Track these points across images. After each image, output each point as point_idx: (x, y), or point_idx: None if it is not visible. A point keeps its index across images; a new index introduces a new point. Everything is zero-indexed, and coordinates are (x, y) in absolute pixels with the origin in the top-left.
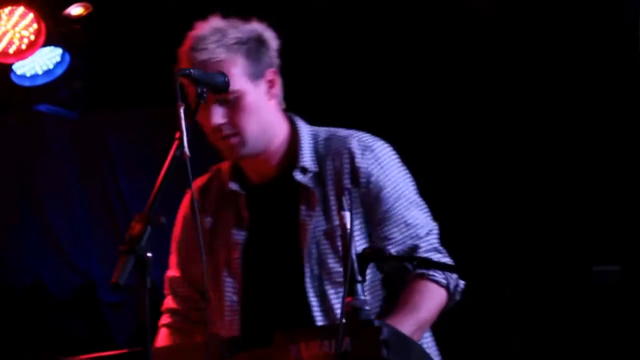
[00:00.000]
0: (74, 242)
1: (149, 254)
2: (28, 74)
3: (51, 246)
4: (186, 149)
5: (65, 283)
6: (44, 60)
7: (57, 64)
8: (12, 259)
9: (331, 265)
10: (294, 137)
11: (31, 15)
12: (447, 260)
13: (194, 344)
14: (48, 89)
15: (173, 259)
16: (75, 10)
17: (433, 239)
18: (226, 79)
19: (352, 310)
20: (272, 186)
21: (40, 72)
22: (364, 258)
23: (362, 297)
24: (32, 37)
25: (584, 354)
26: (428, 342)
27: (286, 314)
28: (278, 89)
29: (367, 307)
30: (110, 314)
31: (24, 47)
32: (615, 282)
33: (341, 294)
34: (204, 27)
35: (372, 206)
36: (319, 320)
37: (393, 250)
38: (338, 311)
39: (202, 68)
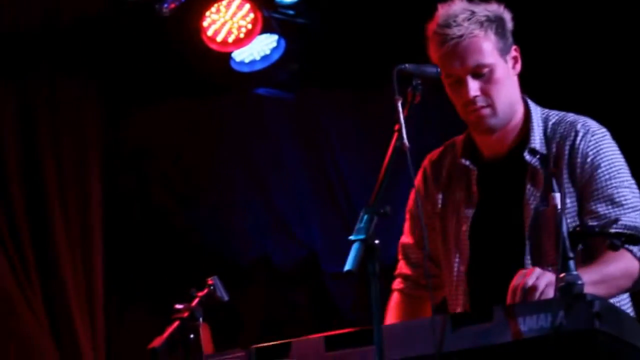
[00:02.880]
0: (296, 216)
1: (377, 242)
2: (247, 60)
3: (274, 221)
4: (405, 140)
5: (289, 256)
6: (261, 47)
7: (274, 50)
8: (238, 234)
9: (544, 244)
10: (526, 118)
11: (248, 6)
12: None
13: (419, 322)
14: (266, 73)
15: (407, 226)
16: None
17: (637, 217)
18: (438, 69)
19: (566, 285)
20: (502, 164)
21: (258, 58)
22: (575, 236)
23: (575, 273)
24: (250, 26)
25: None
26: (625, 303)
27: (505, 286)
28: (520, 65)
29: (579, 282)
30: (333, 283)
31: (242, 35)
32: None
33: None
34: (452, 6)
35: (585, 185)
36: None
37: (593, 223)
38: None
39: (455, 44)
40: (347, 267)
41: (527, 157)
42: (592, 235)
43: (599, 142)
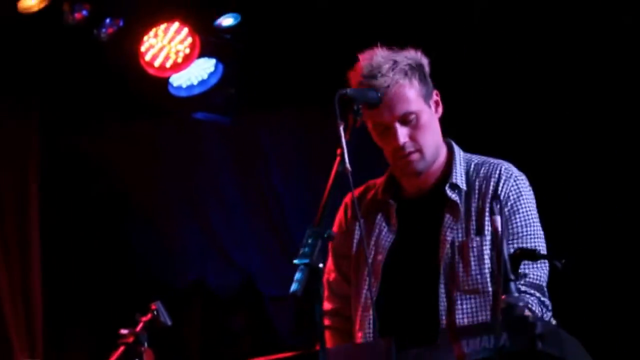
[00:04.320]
0: (233, 240)
1: (321, 265)
2: (184, 85)
3: (212, 245)
4: (347, 164)
5: (227, 280)
6: (199, 71)
7: (211, 74)
8: (175, 258)
9: (461, 274)
10: (449, 158)
11: (186, 30)
12: (545, 300)
13: (363, 344)
14: (203, 97)
15: (330, 263)
16: (226, 21)
17: (541, 275)
18: (379, 94)
19: (508, 307)
20: (422, 199)
21: (195, 83)
22: (516, 258)
23: (516, 295)
24: (187, 51)
25: None
26: None
27: (415, 312)
28: (441, 109)
29: (521, 304)
30: (271, 306)
31: (179, 60)
32: None
33: (465, 301)
34: (373, 56)
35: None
36: (443, 321)
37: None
38: (459, 315)
39: (384, 93)
40: (292, 289)
41: (448, 191)
42: (534, 257)
43: (520, 187)
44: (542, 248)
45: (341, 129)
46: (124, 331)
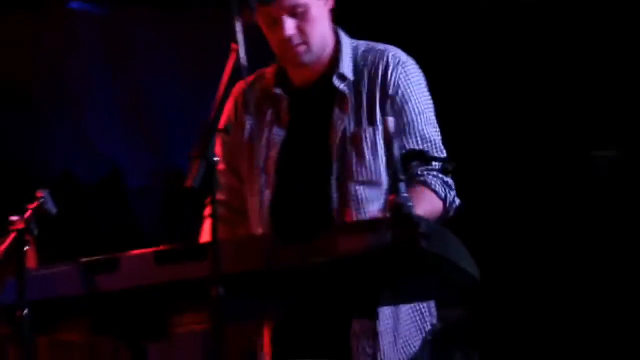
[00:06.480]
0: (102, 132)
1: (216, 159)
2: None
3: (80, 136)
4: (243, 60)
5: (93, 170)
6: None
7: None
8: (43, 148)
9: (354, 165)
10: (337, 47)
11: None
12: (449, 180)
13: (249, 237)
14: None
15: (217, 151)
16: None
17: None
18: None
19: (396, 206)
20: (312, 91)
21: None
22: (407, 159)
23: (405, 195)
24: None
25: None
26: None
27: (309, 206)
28: (333, 1)
29: (409, 204)
30: (136, 200)
31: None
32: (612, 167)
33: (359, 192)
34: None
35: (396, 116)
36: (337, 214)
37: None
38: (354, 206)
39: None
40: (189, 183)
41: (336, 82)
42: (426, 158)
43: (409, 74)
44: (435, 134)
45: (238, 24)
46: (13, 218)
